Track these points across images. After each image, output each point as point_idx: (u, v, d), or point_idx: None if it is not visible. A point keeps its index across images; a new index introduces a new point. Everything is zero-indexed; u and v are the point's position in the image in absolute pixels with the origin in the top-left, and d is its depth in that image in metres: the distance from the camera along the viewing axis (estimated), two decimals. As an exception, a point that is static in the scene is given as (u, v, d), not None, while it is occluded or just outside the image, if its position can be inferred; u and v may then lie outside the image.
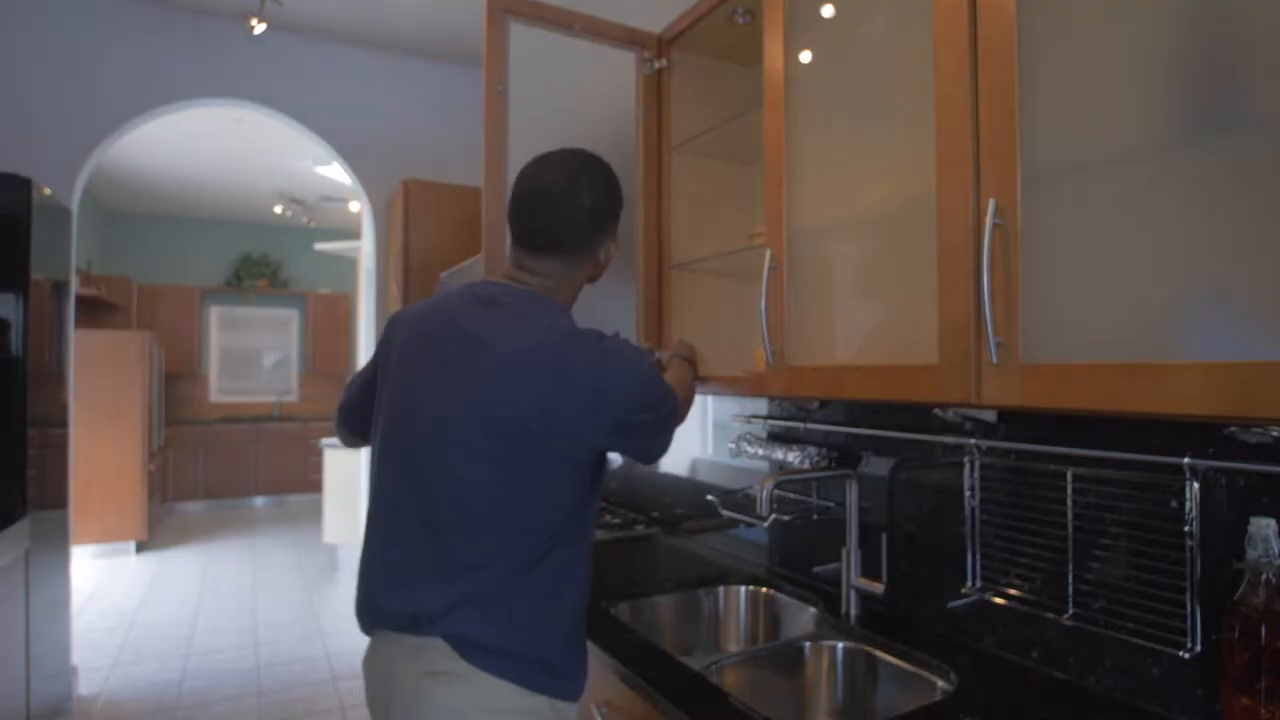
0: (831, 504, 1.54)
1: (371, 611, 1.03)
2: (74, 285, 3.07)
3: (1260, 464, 0.87)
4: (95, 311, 6.01)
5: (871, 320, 1.14)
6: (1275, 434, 0.82)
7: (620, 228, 1.15)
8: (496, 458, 0.96)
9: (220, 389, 7.48)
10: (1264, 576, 0.82)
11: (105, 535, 5.19)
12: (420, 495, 1.00)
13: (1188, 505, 0.93)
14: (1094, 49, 0.82)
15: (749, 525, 1.79)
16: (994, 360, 0.88)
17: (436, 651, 0.95)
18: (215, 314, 7.46)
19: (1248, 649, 0.82)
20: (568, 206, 1.05)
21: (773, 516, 1.61)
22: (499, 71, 1.55)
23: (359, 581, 1.07)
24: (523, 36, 1.58)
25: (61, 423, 2.79)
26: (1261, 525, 0.83)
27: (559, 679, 1.00)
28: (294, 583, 4.60)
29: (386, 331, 1.15)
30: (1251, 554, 0.83)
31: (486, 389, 0.97)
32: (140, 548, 5.34)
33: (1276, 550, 0.82)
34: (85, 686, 3.07)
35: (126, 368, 5.29)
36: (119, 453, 5.26)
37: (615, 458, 2.60)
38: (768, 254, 1.28)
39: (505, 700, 0.95)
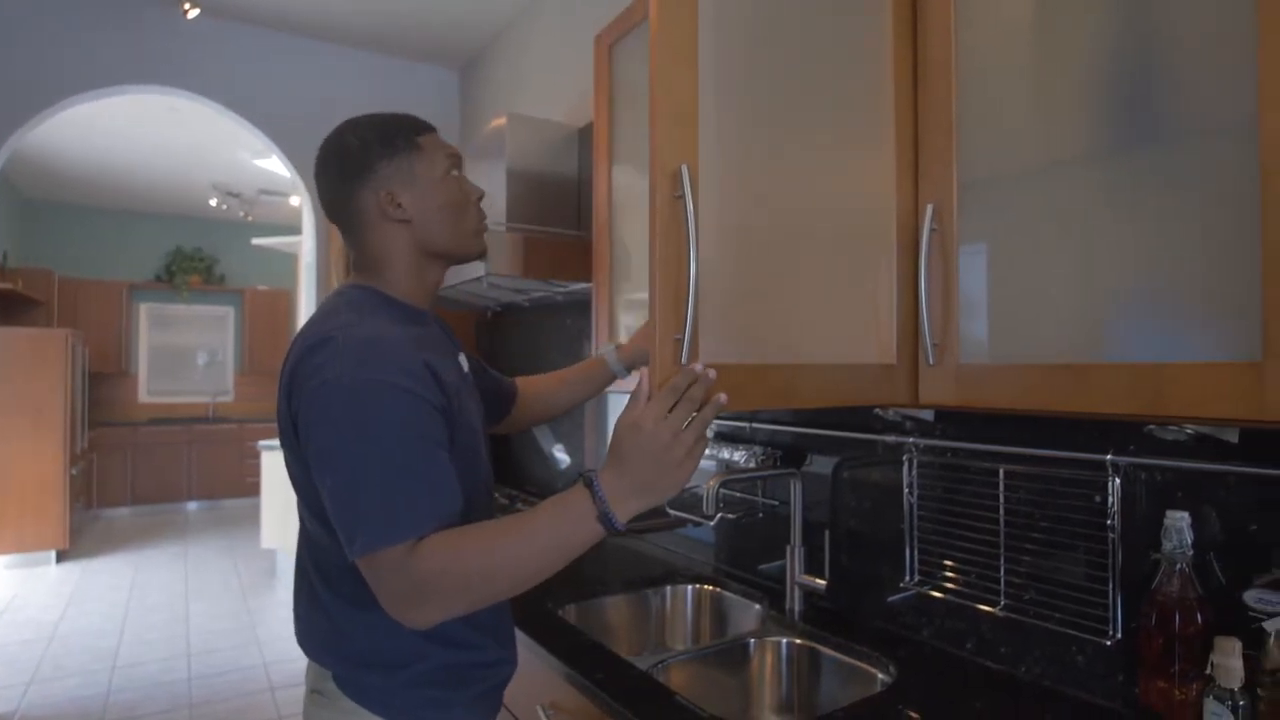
0: (776, 502, 1.56)
1: None
2: (-13, 279, 2.89)
3: (1176, 460, 0.92)
4: (11, 307, 5.67)
5: (812, 324, 1.15)
6: (1190, 431, 0.87)
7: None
8: (293, 480, 0.93)
9: (151, 389, 7.15)
10: (1178, 566, 0.87)
11: (22, 544, 4.89)
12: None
13: (1110, 500, 0.97)
14: (1030, 65, 0.85)
15: (696, 524, 1.80)
16: (930, 362, 0.90)
17: (317, 671, 0.95)
18: (145, 311, 7.12)
19: (1163, 635, 0.86)
20: (321, 176, 0.96)
21: (719, 515, 1.63)
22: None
23: None
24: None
25: (-28, 425, 2.62)
26: (1176, 518, 0.87)
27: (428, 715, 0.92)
28: (230, 590, 4.43)
29: None
30: (1167, 545, 0.88)
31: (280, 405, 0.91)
32: (61, 556, 5.06)
33: (1190, 541, 0.87)
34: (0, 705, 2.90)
35: (45, 367, 5.00)
36: (37, 457, 4.97)
37: (563, 456, 2.58)
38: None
39: None
